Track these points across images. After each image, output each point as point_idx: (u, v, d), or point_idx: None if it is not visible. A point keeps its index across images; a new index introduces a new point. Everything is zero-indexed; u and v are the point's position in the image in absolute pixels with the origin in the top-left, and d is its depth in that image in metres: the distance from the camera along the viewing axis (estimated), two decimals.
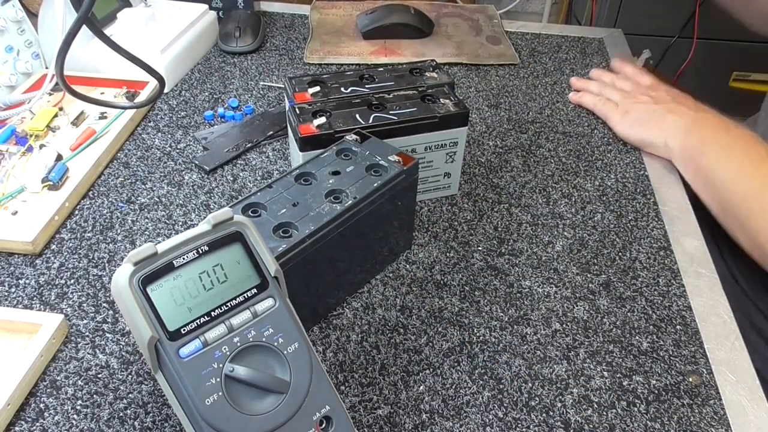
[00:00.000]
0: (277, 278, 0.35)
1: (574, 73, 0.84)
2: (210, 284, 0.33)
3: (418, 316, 0.50)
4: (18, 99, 0.67)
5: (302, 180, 0.48)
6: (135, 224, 0.57)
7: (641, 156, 0.68)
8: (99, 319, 0.48)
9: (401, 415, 0.43)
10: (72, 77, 0.73)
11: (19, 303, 0.49)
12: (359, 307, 0.50)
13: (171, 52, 0.77)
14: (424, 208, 0.60)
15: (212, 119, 0.72)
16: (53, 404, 0.42)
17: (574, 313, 0.50)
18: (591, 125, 0.73)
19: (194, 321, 0.32)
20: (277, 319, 0.34)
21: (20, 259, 0.53)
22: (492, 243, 0.56)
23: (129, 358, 0.46)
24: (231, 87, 0.78)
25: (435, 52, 0.85)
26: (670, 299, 0.52)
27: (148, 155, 0.66)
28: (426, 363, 0.46)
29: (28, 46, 0.73)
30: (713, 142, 0.62)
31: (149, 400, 0.43)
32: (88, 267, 0.53)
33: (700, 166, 0.62)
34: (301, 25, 0.94)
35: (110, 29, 0.78)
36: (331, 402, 0.35)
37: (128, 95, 0.72)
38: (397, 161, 0.49)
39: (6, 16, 0.70)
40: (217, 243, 0.34)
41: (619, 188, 0.64)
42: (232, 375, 0.32)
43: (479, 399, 0.44)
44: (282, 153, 0.67)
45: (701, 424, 0.43)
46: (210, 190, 0.61)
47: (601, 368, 0.46)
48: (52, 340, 0.45)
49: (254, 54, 0.86)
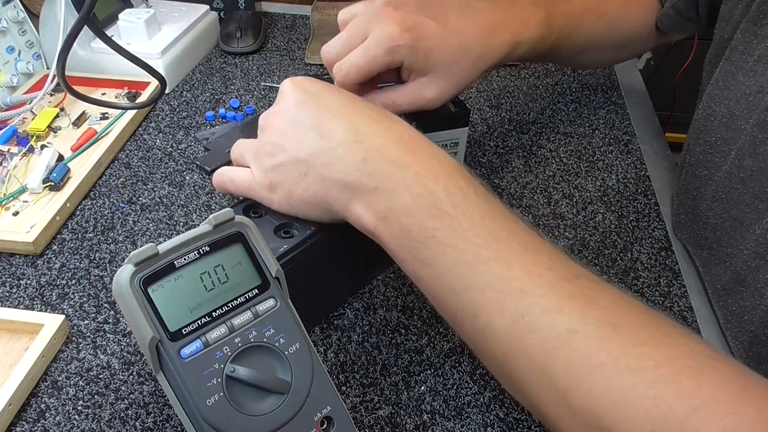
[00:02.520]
0: (278, 279, 0.35)
1: (575, 74, 0.84)
2: (211, 285, 0.33)
3: (419, 316, 0.49)
4: (19, 99, 0.67)
5: None
6: (136, 225, 0.57)
7: (642, 156, 0.68)
8: (100, 319, 0.48)
9: (402, 415, 0.43)
10: (73, 78, 0.73)
11: (21, 303, 0.49)
12: (360, 308, 0.50)
13: (172, 52, 0.77)
14: None
15: (213, 120, 0.72)
16: (54, 405, 0.42)
17: None
18: (592, 126, 0.73)
19: (195, 321, 0.32)
20: (278, 319, 0.34)
21: (21, 260, 0.53)
22: None
23: (130, 358, 0.46)
24: (232, 87, 0.78)
25: None
26: (671, 300, 0.52)
27: (149, 156, 0.66)
28: (427, 363, 0.46)
29: (29, 47, 0.74)
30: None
31: (150, 400, 0.43)
32: (89, 267, 0.53)
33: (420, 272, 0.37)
34: (302, 26, 0.94)
35: (111, 30, 0.78)
36: (333, 402, 0.35)
37: (129, 96, 0.72)
38: None
39: (7, 16, 0.70)
40: (218, 243, 0.34)
41: (620, 189, 0.64)
42: (234, 375, 0.32)
43: (480, 399, 0.44)
44: None
45: None
46: (211, 191, 0.61)
47: None
48: (53, 340, 0.45)
49: (255, 54, 0.86)
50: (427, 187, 0.36)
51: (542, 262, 0.34)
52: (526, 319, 0.32)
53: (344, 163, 0.37)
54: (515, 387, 0.35)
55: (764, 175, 0.45)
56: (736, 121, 0.48)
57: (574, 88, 0.80)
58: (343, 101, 0.40)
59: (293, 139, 0.40)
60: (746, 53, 0.49)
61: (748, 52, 0.49)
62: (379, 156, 0.37)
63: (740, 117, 0.48)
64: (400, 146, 0.38)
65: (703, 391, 0.29)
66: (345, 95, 0.42)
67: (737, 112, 0.48)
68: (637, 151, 0.69)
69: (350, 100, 0.41)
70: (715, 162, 0.51)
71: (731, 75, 0.50)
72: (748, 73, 0.48)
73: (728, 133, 0.49)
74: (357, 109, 0.40)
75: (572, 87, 0.81)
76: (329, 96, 0.41)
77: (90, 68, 0.75)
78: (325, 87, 0.42)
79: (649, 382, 0.29)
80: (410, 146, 0.38)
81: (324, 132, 0.39)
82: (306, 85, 0.42)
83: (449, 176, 0.37)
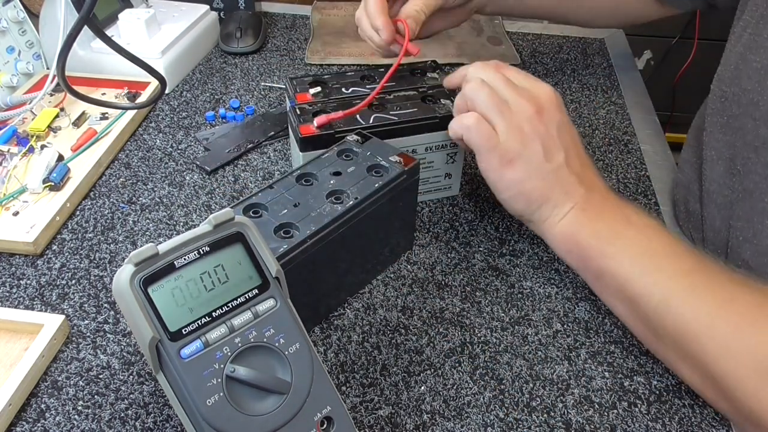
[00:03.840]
0: (278, 279, 0.35)
1: (575, 74, 0.84)
2: (211, 285, 0.33)
3: (419, 316, 0.49)
4: (19, 99, 0.67)
5: (303, 180, 0.48)
6: (136, 225, 0.57)
7: (642, 157, 0.68)
8: (100, 319, 0.48)
9: (402, 415, 0.43)
10: (73, 78, 0.73)
11: (21, 303, 0.49)
12: (360, 308, 0.50)
13: (172, 52, 0.77)
14: (425, 208, 0.60)
15: (213, 120, 0.72)
16: (54, 405, 0.42)
17: (575, 313, 0.50)
18: (592, 126, 0.73)
19: (195, 321, 0.32)
20: (278, 319, 0.34)
21: (21, 260, 0.53)
22: (493, 243, 0.56)
23: (130, 358, 0.46)
24: (232, 88, 0.78)
25: (436, 53, 0.85)
26: None
27: (149, 156, 0.66)
28: (427, 363, 0.46)
29: (29, 47, 0.74)
30: (617, 239, 0.45)
31: (150, 400, 0.43)
32: (89, 267, 0.53)
33: (602, 270, 0.46)
34: (302, 26, 0.95)
35: (111, 30, 0.78)
36: (333, 402, 0.35)
37: (129, 96, 0.72)
38: (398, 162, 0.49)
39: (7, 16, 0.70)
40: (218, 243, 0.34)
41: (620, 189, 0.64)
42: (234, 375, 0.32)
43: (480, 399, 0.44)
44: (283, 153, 0.67)
45: (702, 424, 0.43)
46: (211, 191, 0.61)
47: (602, 369, 0.46)
48: (53, 340, 0.45)
49: (255, 54, 0.86)
50: (623, 211, 0.48)
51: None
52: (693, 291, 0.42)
53: (573, 186, 0.48)
54: (684, 351, 0.42)
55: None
56: (749, 95, 0.50)
57: (574, 88, 0.80)
58: (582, 148, 0.51)
59: (549, 145, 0.48)
60: (755, 33, 0.50)
61: (757, 32, 0.50)
62: (599, 193, 0.49)
63: (752, 91, 0.49)
64: (608, 192, 0.49)
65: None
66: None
67: (749, 86, 0.50)
68: (637, 151, 0.69)
69: (585, 152, 0.51)
70: (726, 140, 0.53)
71: (740, 55, 0.51)
72: (758, 50, 0.49)
73: (739, 109, 0.51)
74: (591, 162, 0.51)
75: (572, 87, 0.81)
76: (577, 135, 0.51)
77: (90, 68, 0.75)
78: (572, 124, 0.51)
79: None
80: (610, 191, 0.50)
81: (572, 161, 0.48)
82: (563, 107, 0.50)
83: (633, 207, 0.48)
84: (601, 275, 0.46)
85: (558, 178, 0.48)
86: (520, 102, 0.48)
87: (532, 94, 0.49)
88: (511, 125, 0.48)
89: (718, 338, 0.39)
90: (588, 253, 0.46)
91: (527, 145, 0.47)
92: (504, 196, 0.49)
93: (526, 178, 0.48)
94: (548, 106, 0.49)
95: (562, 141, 0.48)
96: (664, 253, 0.44)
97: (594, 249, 0.46)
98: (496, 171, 0.48)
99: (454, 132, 0.51)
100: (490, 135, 0.48)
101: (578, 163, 0.49)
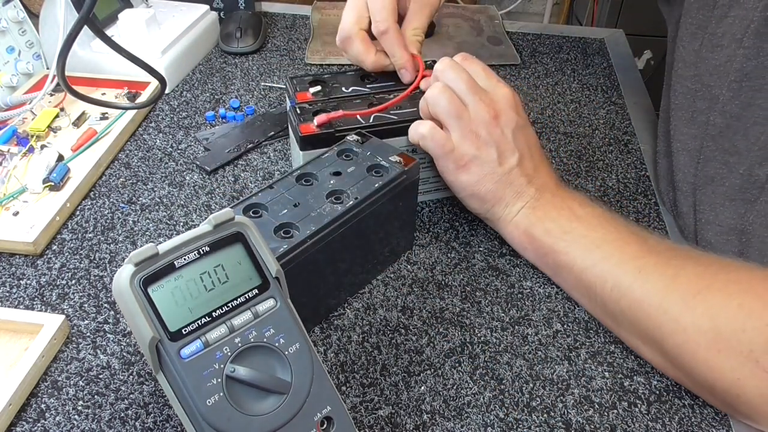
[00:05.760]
0: (278, 279, 0.35)
1: (575, 74, 0.84)
2: (211, 285, 0.33)
3: (419, 316, 0.49)
4: (19, 99, 0.67)
5: (303, 180, 0.48)
6: (136, 225, 0.57)
7: (642, 157, 0.68)
8: (100, 319, 0.48)
9: (402, 415, 0.43)
10: (73, 78, 0.73)
11: (21, 303, 0.49)
12: (360, 308, 0.50)
13: (172, 52, 0.77)
14: (425, 208, 0.60)
15: (213, 120, 0.72)
16: (54, 405, 0.42)
17: (575, 313, 0.50)
18: (592, 126, 0.73)
19: (195, 321, 0.32)
20: (278, 319, 0.34)
21: (21, 260, 0.53)
22: (493, 243, 0.56)
23: (130, 358, 0.46)
24: (232, 87, 0.78)
25: (436, 53, 0.85)
26: None
27: (149, 156, 0.66)
28: (427, 363, 0.46)
29: (29, 47, 0.74)
30: (566, 235, 0.49)
31: (150, 400, 0.43)
32: (89, 267, 0.53)
33: (558, 265, 0.50)
34: (302, 26, 0.95)
35: (111, 30, 0.78)
36: (332, 402, 0.35)
37: (129, 96, 0.72)
38: (398, 162, 0.49)
39: (7, 16, 0.70)
40: (218, 243, 0.34)
41: (620, 189, 0.64)
42: (234, 375, 0.32)
43: (480, 399, 0.44)
44: (283, 153, 0.67)
45: (702, 424, 0.43)
46: (211, 191, 0.61)
47: (602, 369, 0.46)
48: (53, 340, 0.45)
49: (255, 54, 0.86)
50: (569, 207, 0.50)
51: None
52: (641, 273, 0.44)
53: (524, 188, 0.51)
54: (638, 329, 0.45)
55: (731, 130, 0.50)
56: (711, 90, 0.52)
57: (574, 88, 0.80)
58: (541, 149, 0.54)
59: (503, 149, 0.51)
60: (708, 32, 0.51)
61: (710, 31, 0.51)
62: (549, 192, 0.51)
63: (714, 86, 0.51)
64: (558, 189, 0.52)
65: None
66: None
67: (711, 83, 0.52)
68: (637, 151, 0.69)
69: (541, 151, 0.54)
70: (692, 132, 0.55)
71: (696, 53, 0.53)
72: (714, 49, 0.51)
73: (704, 104, 0.53)
74: (545, 161, 0.53)
75: (572, 87, 0.81)
76: (533, 135, 0.53)
77: (90, 68, 0.75)
78: (530, 125, 0.53)
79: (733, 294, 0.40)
80: (560, 187, 0.52)
81: (524, 163, 0.51)
82: (521, 109, 0.53)
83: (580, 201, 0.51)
84: (559, 270, 0.50)
85: (509, 180, 0.51)
86: (478, 107, 0.51)
87: (491, 98, 0.52)
88: (466, 131, 0.50)
89: (669, 314, 0.42)
90: (543, 250, 0.50)
91: (482, 149, 0.50)
92: (460, 196, 0.53)
93: (479, 181, 0.51)
94: (506, 109, 0.51)
95: (516, 144, 0.51)
96: (611, 240, 0.47)
97: (547, 246, 0.50)
98: (452, 174, 0.52)
99: (412, 139, 0.54)
100: (444, 142, 0.51)
101: (531, 165, 0.52)
